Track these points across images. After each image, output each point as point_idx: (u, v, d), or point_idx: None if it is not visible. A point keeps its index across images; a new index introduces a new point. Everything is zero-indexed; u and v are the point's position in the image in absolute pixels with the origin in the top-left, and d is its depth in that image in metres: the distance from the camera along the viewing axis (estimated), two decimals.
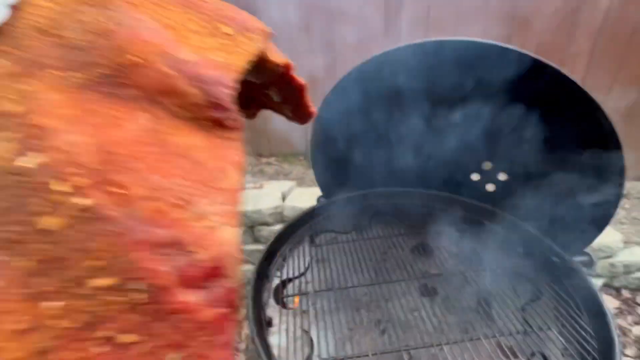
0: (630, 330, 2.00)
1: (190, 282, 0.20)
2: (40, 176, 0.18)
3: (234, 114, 0.25)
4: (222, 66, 0.25)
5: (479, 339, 0.82)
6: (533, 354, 0.80)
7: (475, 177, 1.33)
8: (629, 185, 2.73)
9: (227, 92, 0.25)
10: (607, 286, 2.24)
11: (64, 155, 0.18)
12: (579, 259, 0.97)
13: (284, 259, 1.19)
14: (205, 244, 0.21)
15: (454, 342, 0.82)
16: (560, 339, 0.81)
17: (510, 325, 0.85)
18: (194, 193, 0.22)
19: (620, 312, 2.12)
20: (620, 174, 0.91)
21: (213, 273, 0.21)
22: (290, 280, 1.11)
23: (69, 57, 0.21)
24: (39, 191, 0.18)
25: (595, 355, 0.76)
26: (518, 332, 0.83)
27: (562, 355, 0.78)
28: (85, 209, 0.18)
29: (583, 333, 0.81)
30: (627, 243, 2.13)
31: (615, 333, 0.74)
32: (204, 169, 0.23)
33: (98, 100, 0.21)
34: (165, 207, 0.20)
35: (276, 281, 1.12)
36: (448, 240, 1.19)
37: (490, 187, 1.31)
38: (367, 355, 0.82)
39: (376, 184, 1.44)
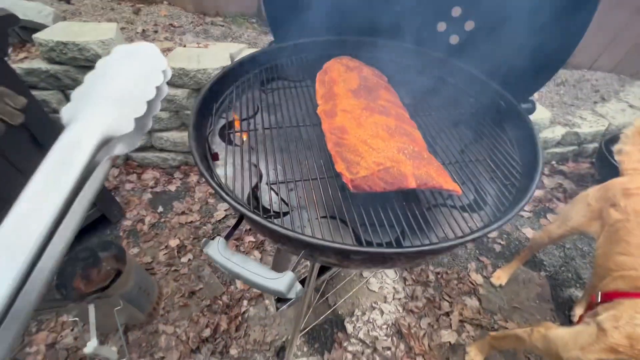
0: None
1: None
2: None
3: None
4: None
5: None
6: (467, 179, 0.87)
7: (441, 27, 1.23)
8: (567, 73, 2.90)
9: None
10: None
11: None
12: (524, 105, 1.01)
13: (231, 102, 1.08)
14: None
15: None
16: (491, 165, 0.88)
17: (450, 156, 0.90)
18: None
19: None
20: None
21: None
22: (238, 120, 1.03)
23: None
24: None
25: (518, 177, 0.85)
26: (457, 162, 0.89)
27: (491, 178, 0.87)
28: None
29: (512, 162, 0.89)
30: (552, 123, 2.36)
31: (541, 154, 0.82)
32: None
33: None
34: None
35: (221, 122, 1.04)
36: (405, 91, 1.16)
37: (453, 39, 1.23)
38: (315, 179, 0.83)
39: (332, 31, 1.28)
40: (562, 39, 0.94)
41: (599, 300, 1.02)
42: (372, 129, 0.80)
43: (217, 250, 0.60)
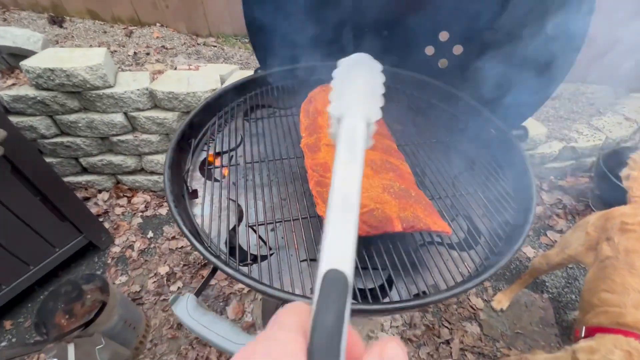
0: None
1: None
2: None
3: None
4: None
5: None
6: (457, 215, 0.83)
7: (429, 50, 1.21)
8: (562, 87, 2.88)
9: None
10: None
11: None
12: (516, 132, 0.97)
13: (213, 134, 1.04)
14: None
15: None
16: (483, 199, 0.84)
17: (440, 190, 0.86)
18: None
19: None
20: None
21: None
22: (219, 154, 0.99)
23: None
24: None
25: (512, 212, 0.81)
26: (447, 196, 0.85)
27: (484, 214, 0.82)
28: None
29: (505, 195, 0.85)
30: (549, 138, 2.33)
31: (535, 190, 0.78)
32: None
33: None
34: None
35: (203, 155, 1.00)
36: (393, 117, 1.12)
37: (442, 63, 1.21)
38: (297, 219, 0.78)
39: (320, 56, 1.25)
40: (554, 63, 0.91)
41: (583, 335, 1.00)
42: None
43: (186, 309, 0.55)
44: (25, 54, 1.86)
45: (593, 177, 2.36)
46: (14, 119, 1.85)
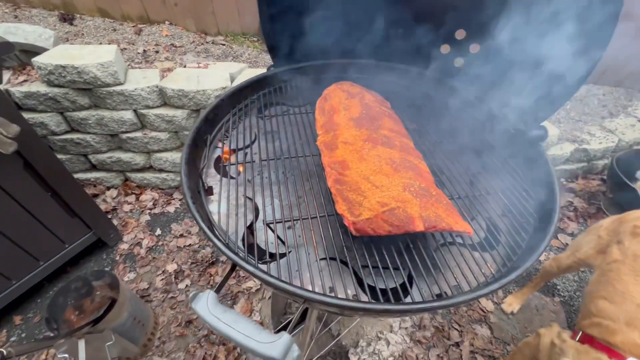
0: None
1: None
2: None
3: None
4: None
5: None
6: (477, 215, 0.82)
7: (445, 49, 1.20)
8: None
9: None
10: None
11: None
12: (535, 132, 0.95)
13: (228, 131, 1.04)
14: None
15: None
16: (503, 199, 0.82)
17: (459, 189, 0.85)
18: None
19: None
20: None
21: None
22: (234, 151, 0.99)
23: None
24: None
25: (533, 213, 0.79)
26: (466, 196, 0.83)
27: (504, 214, 0.81)
28: None
29: (525, 195, 0.83)
30: (560, 139, 2.30)
31: (558, 189, 0.76)
32: None
33: None
34: None
35: (217, 152, 0.99)
36: (408, 116, 1.11)
37: (458, 62, 1.19)
38: (315, 217, 0.77)
39: (333, 54, 1.24)
40: (578, 62, 0.88)
41: (577, 340, 1.00)
42: (375, 163, 0.75)
43: (207, 306, 0.54)
44: (36, 50, 1.86)
45: (605, 179, 2.33)
46: (25, 116, 1.85)
